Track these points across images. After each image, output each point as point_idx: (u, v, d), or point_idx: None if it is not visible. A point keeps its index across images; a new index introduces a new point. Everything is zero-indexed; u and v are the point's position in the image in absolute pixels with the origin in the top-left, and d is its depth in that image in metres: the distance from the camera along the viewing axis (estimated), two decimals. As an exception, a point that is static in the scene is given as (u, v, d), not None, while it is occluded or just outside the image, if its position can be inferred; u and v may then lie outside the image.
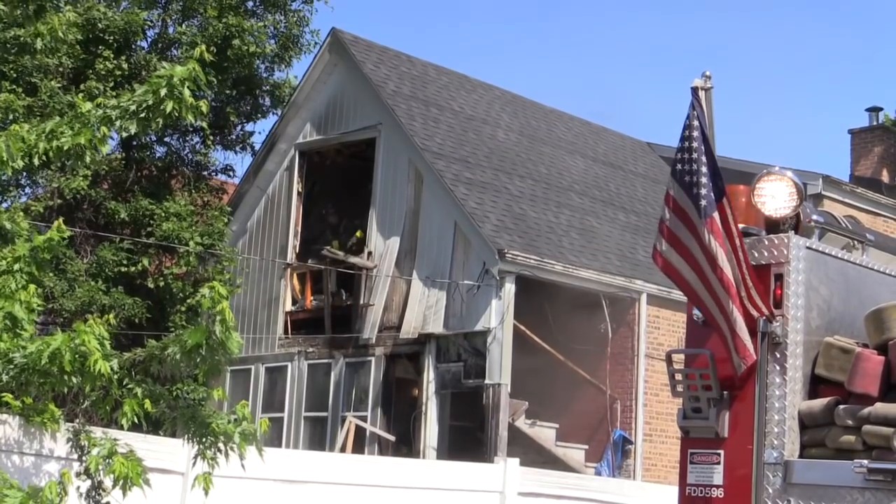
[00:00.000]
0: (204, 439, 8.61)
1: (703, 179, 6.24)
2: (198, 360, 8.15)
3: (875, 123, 28.43)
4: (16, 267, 8.71)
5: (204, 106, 8.49)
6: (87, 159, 8.47)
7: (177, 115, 8.29)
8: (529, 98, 24.89)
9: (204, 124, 8.64)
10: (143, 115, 8.32)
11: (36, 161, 8.36)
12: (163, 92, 8.23)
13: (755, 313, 6.31)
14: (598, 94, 53.97)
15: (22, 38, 9.47)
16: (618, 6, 59.76)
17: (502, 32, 60.56)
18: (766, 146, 58.12)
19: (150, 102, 8.29)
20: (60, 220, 9.17)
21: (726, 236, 6.26)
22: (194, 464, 8.89)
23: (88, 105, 8.50)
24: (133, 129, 8.38)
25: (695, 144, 6.28)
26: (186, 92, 8.24)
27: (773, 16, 59.71)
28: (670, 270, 6.36)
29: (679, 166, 6.34)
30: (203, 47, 8.60)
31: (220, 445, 8.65)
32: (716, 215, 6.23)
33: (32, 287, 8.60)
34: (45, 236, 8.88)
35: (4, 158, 8.16)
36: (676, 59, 59.26)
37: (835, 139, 64.83)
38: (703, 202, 6.23)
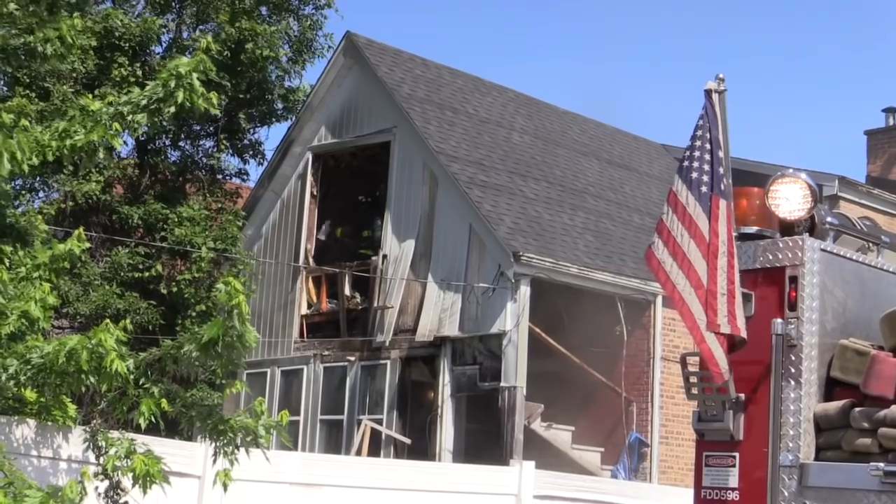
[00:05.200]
0: (222, 436, 8.63)
1: (706, 178, 6.25)
2: (214, 356, 8.18)
3: (891, 124, 28.30)
4: (35, 274, 8.78)
5: (214, 97, 8.48)
6: (101, 156, 8.50)
7: (189, 104, 8.30)
8: (544, 100, 24.90)
9: (216, 110, 8.59)
10: (153, 107, 8.36)
11: (50, 157, 8.40)
12: (172, 83, 8.26)
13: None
14: (611, 94, 53.91)
15: (31, 44, 9.52)
16: (632, 6, 59.74)
17: (515, 34, 60.59)
18: (782, 147, 57.94)
19: (161, 95, 8.32)
20: (81, 229, 9.22)
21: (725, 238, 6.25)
22: (214, 461, 8.90)
23: (98, 103, 8.54)
24: (144, 122, 8.41)
25: (707, 146, 6.29)
26: (196, 81, 8.26)
27: (789, 16, 59.59)
28: (658, 270, 6.36)
29: (686, 163, 6.36)
30: (209, 38, 8.63)
31: (239, 442, 8.67)
32: (720, 212, 6.23)
33: (47, 286, 8.65)
34: (66, 247, 8.94)
35: (19, 157, 8.20)
36: (691, 59, 59.18)
37: (851, 140, 64.67)
38: (710, 203, 6.24)
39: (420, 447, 18.81)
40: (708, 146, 6.29)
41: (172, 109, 8.33)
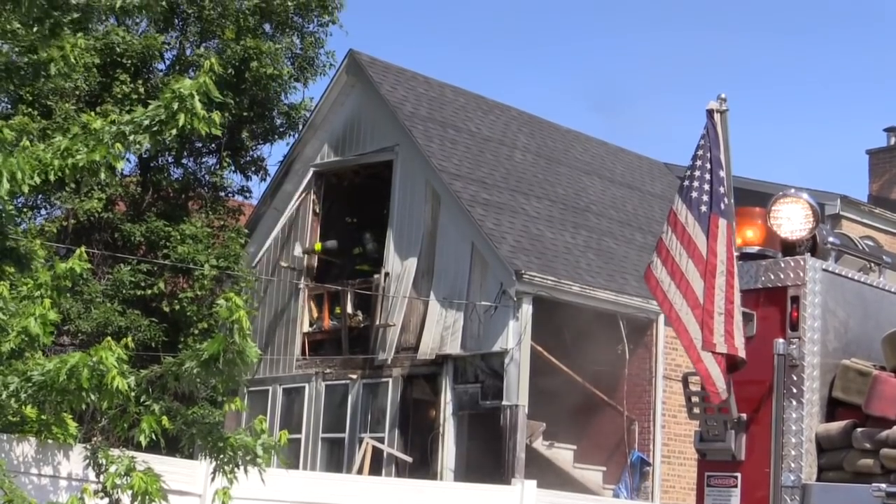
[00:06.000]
0: (222, 454, 8.62)
1: (706, 198, 6.26)
2: (215, 372, 8.17)
3: (893, 143, 28.33)
4: (37, 293, 8.78)
5: (217, 117, 8.50)
6: (102, 176, 8.51)
7: (189, 127, 8.32)
8: (546, 119, 24.94)
9: (217, 132, 8.60)
10: (155, 128, 8.37)
11: (52, 177, 8.41)
12: (175, 105, 8.27)
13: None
14: (612, 111, 54.01)
15: (36, 62, 9.57)
16: (636, 26, 59.85)
17: (517, 53, 60.72)
18: (783, 166, 57.99)
19: (163, 117, 8.34)
20: (82, 248, 9.22)
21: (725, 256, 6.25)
22: (213, 479, 8.88)
23: (100, 122, 8.55)
24: (146, 143, 8.42)
25: (708, 165, 6.30)
26: (198, 104, 8.27)
27: (791, 36, 59.71)
28: (656, 288, 6.37)
29: (687, 183, 6.37)
30: (213, 59, 8.64)
31: (239, 461, 8.65)
32: (719, 231, 6.24)
33: (48, 301, 8.65)
34: (68, 265, 8.94)
35: (19, 177, 8.21)
36: (692, 78, 59.28)
37: (853, 159, 64.70)
38: (709, 222, 6.25)
39: (421, 466, 18.77)
40: (709, 165, 6.31)
41: (174, 132, 8.35)
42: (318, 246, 21.35)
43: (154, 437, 8.45)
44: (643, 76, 61.00)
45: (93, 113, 9.20)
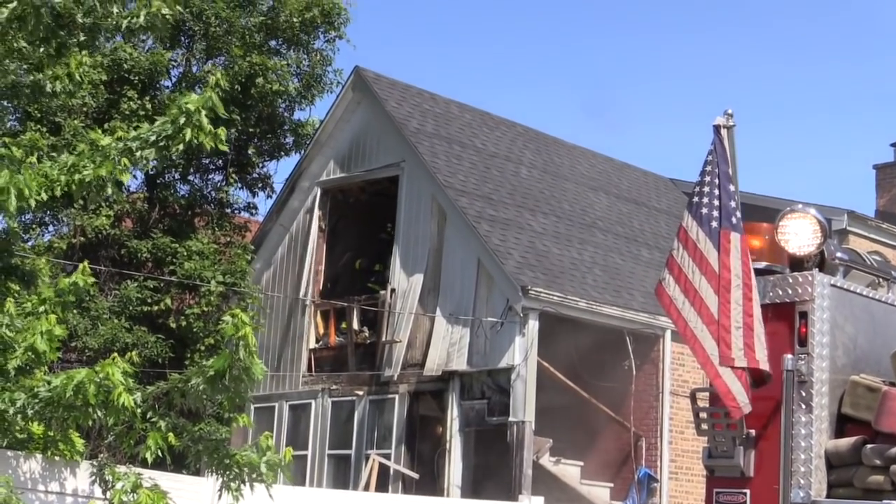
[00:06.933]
0: (228, 471, 8.61)
1: (716, 213, 6.26)
2: (221, 389, 8.17)
3: (900, 158, 28.30)
4: (41, 309, 8.78)
5: (222, 133, 8.51)
6: (109, 191, 8.52)
7: (196, 142, 8.33)
8: (552, 135, 24.95)
9: (224, 147, 8.62)
10: (162, 144, 8.39)
11: (58, 192, 8.42)
12: (181, 121, 8.29)
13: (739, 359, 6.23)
14: (618, 127, 54.06)
15: (41, 81, 9.61)
16: (642, 41, 59.95)
17: (523, 68, 60.80)
18: (791, 182, 57.94)
19: (169, 132, 8.36)
20: (86, 262, 9.23)
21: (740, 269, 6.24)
22: (219, 496, 8.87)
23: (108, 139, 8.57)
24: (152, 157, 8.43)
25: (716, 180, 6.30)
26: (204, 119, 8.29)
27: (797, 51, 59.77)
28: (670, 306, 6.36)
29: (696, 199, 6.36)
30: (219, 75, 8.67)
31: (245, 477, 8.64)
32: (731, 246, 6.23)
33: (53, 317, 8.65)
34: (71, 280, 8.94)
35: (26, 193, 8.21)
36: (700, 93, 59.32)
37: (859, 174, 64.63)
38: (719, 237, 6.24)
39: (428, 482, 18.72)
40: (717, 181, 6.30)
41: (181, 147, 8.36)
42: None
43: (160, 453, 8.45)
44: (649, 92, 61.06)
45: (100, 130, 9.18)
